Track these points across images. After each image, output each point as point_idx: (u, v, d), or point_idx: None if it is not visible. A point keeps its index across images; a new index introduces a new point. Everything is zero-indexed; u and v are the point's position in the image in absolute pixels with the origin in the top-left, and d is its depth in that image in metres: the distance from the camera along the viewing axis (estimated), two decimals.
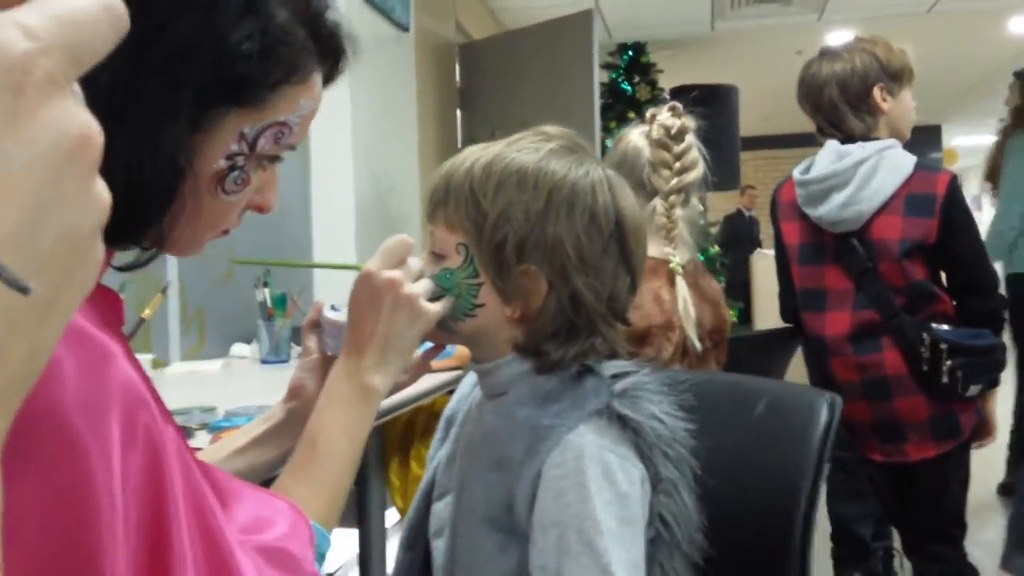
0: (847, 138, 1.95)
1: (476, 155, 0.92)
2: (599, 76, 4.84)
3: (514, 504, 0.86)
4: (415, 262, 0.88)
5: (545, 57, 4.45)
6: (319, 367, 0.93)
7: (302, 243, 3.03)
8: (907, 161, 1.88)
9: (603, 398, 0.87)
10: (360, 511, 1.92)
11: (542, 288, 0.89)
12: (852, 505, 2.40)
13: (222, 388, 1.91)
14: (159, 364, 2.14)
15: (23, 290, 0.26)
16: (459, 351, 1.72)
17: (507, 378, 0.93)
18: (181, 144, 0.61)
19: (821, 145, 2.01)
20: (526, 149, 0.91)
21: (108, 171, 0.54)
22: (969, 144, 12.73)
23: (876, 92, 1.94)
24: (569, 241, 0.88)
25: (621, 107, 6.08)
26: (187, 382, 2.00)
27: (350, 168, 3.04)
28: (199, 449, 1.12)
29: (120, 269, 0.69)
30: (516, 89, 4.52)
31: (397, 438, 2.04)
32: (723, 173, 6.63)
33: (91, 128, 0.30)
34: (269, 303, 2.22)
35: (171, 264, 2.30)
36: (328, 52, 0.71)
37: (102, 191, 0.31)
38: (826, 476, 2.49)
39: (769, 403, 0.99)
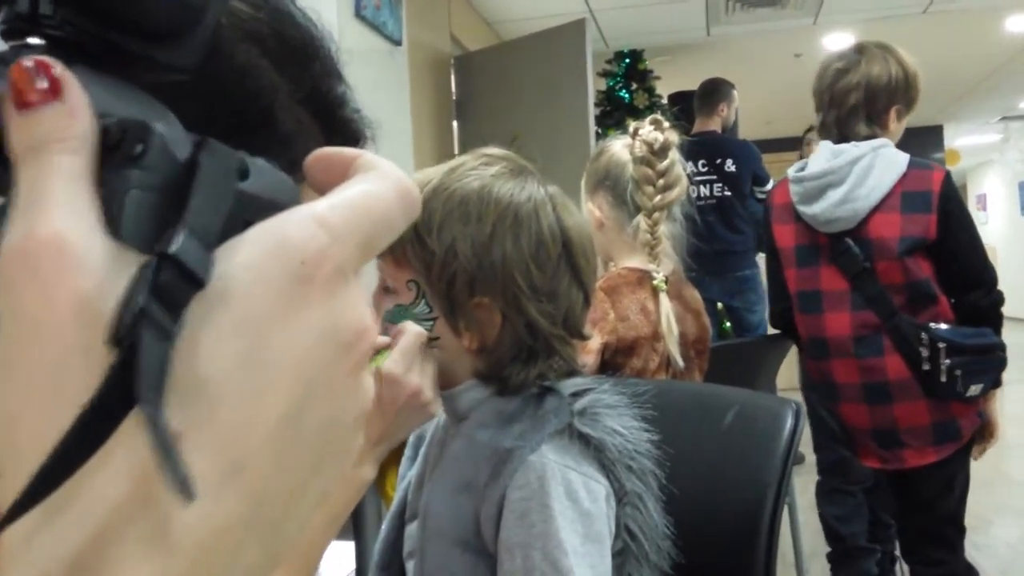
0: (843, 139, 1.95)
1: (417, 187, 0.91)
2: (596, 84, 4.86)
3: (481, 527, 0.87)
4: (429, 364, 0.88)
5: (540, 67, 4.47)
6: None
7: None
8: (901, 159, 1.88)
9: (564, 418, 0.87)
10: (356, 525, 1.92)
11: (496, 319, 0.89)
12: (833, 504, 2.44)
13: None
14: None
15: (188, 494, 0.24)
16: None
17: (469, 403, 0.93)
18: None
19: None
20: (468, 177, 0.90)
21: None
22: (971, 144, 12.70)
23: (893, 112, 1.95)
24: (519, 271, 0.88)
25: (619, 115, 6.09)
26: None
27: None
28: None
29: None
30: (512, 99, 4.54)
31: (394, 451, 2.03)
32: None
33: (367, 322, 0.30)
34: None
35: None
36: (341, 142, 0.69)
37: (369, 384, 0.31)
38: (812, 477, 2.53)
39: (736, 412, 1.00)
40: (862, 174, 1.86)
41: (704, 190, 3.94)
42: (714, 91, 4.18)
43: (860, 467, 2.21)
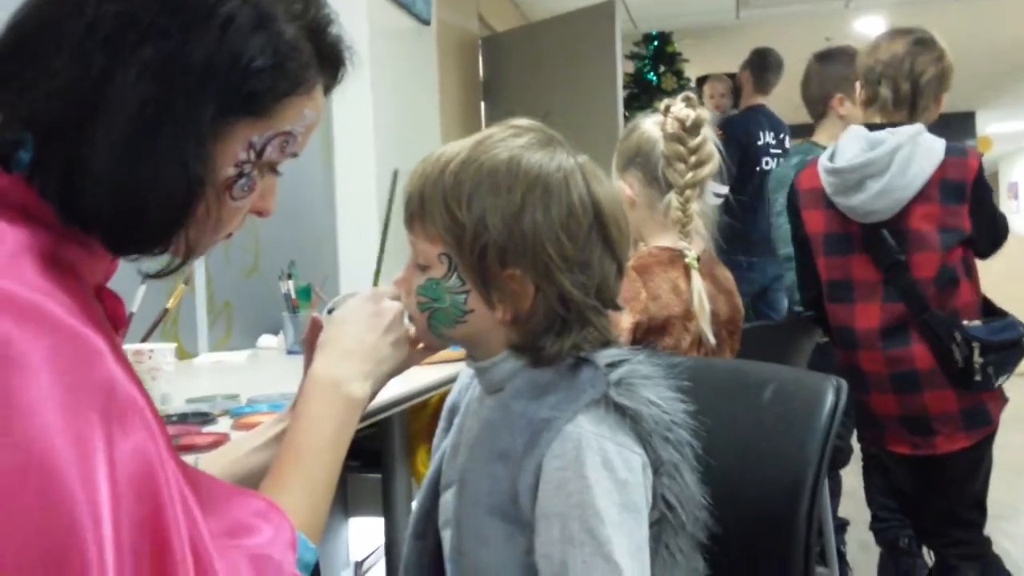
0: (876, 125, 1.93)
1: (445, 160, 0.91)
2: (624, 66, 4.84)
3: (518, 496, 0.88)
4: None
5: (568, 48, 4.46)
6: None
7: (327, 237, 3.07)
8: (939, 146, 1.85)
9: (600, 388, 0.87)
10: (386, 500, 1.94)
11: (529, 291, 0.89)
12: None
13: (248, 377, 1.95)
14: (187, 355, 2.19)
15: None
16: None
17: (504, 374, 0.94)
18: (202, 157, 0.66)
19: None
20: (496, 148, 0.90)
21: (135, 186, 0.65)
22: (1004, 131, 12.51)
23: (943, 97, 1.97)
24: (550, 241, 0.88)
25: (647, 97, 6.06)
26: (214, 371, 2.05)
27: (373, 162, 3.07)
28: (220, 436, 1.16)
29: (154, 276, 0.74)
30: (539, 81, 4.54)
31: (424, 426, 2.04)
32: None
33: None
34: (293, 295, 2.26)
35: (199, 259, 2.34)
36: (330, 64, 0.76)
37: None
38: None
39: (775, 387, 1.00)
40: (904, 163, 1.83)
41: (773, 164, 3.74)
42: (779, 68, 3.97)
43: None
